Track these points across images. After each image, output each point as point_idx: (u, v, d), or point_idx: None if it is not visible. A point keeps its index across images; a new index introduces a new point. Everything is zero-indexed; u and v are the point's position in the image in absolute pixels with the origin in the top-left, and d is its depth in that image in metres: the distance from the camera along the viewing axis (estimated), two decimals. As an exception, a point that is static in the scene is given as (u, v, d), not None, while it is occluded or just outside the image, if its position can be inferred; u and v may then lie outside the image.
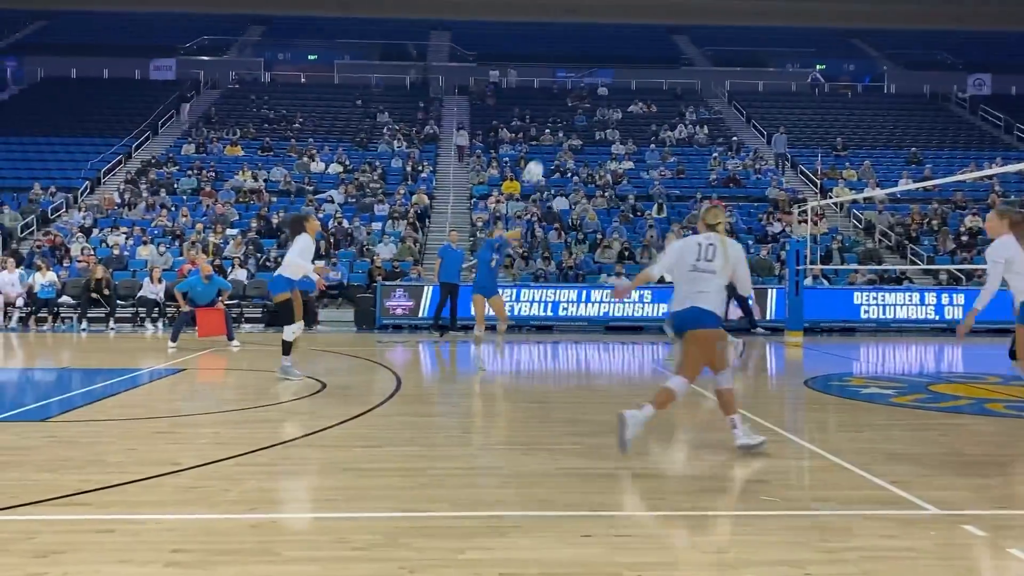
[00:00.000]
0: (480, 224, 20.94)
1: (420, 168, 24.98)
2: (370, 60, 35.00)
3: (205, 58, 34.22)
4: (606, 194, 23.22)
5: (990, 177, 22.52)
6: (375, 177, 23.91)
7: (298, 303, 8.83)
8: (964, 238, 20.25)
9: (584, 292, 17.13)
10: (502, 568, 3.47)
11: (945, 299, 17.15)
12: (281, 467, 5.30)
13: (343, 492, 4.66)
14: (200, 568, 3.44)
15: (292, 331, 8.75)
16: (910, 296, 17.23)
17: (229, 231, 19.96)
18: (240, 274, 17.74)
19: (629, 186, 24.11)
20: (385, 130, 27.88)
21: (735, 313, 12.78)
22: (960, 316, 15.92)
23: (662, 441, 6.19)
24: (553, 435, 6.33)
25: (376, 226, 20.99)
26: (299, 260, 8.54)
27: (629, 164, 25.78)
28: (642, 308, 16.96)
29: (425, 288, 16.74)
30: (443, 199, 23.54)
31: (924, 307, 17.03)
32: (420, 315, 16.62)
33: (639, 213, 22.05)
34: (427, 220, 21.83)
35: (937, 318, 16.95)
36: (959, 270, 18.46)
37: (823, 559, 3.60)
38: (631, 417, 5.21)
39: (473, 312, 10.02)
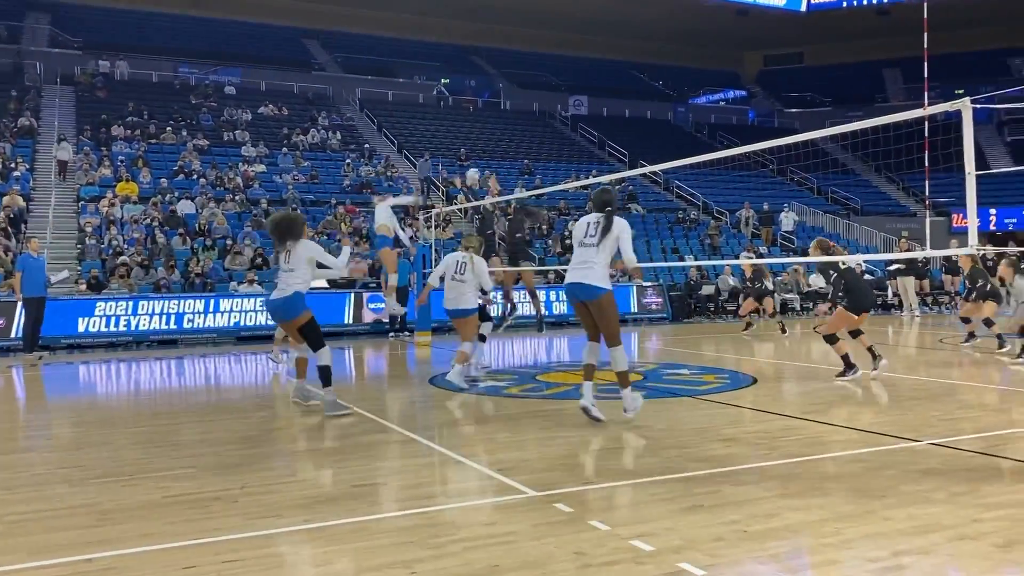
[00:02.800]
0: (89, 229, 18.82)
1: (13, 165, 21.77)
2: (-57, 40, 29.77)
3: None
4: (236, 198, 22.23)
5: (587, 187, 25.52)
6: (-49, 175, 20.37)
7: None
8: (568, 241, 22.72)
9: (213, 301, 16.22)
10: (85, 620, 3.11)
11: (553, 296, 19.16)
12: None
13: None
14: None
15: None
16: (524, 294, 18.83)
17: None
18: None
19: (261, 190, 23.33)
20: (-36, 121, 23.89)
21: None
22: (565, 311, 17.85)
23: (283, 454, 6.05)
24: (166, 460, 5.87)
25: (-46, 233, 17.85)
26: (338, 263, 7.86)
27: (261, 167, 24.96)
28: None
29: (18, 304, 14.58)
30: (43, 201, 20.76)
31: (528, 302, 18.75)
32: (12, 335, 14.47)
33: (272, 218, 21.42)
34: (23, 226, 19.08)
35: (547, 313, 18.77)
36: (566, 270, 20.62)
37: (430, 555, 3.74)
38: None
39: None
